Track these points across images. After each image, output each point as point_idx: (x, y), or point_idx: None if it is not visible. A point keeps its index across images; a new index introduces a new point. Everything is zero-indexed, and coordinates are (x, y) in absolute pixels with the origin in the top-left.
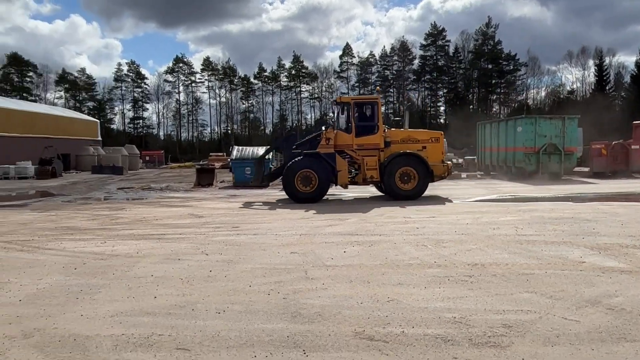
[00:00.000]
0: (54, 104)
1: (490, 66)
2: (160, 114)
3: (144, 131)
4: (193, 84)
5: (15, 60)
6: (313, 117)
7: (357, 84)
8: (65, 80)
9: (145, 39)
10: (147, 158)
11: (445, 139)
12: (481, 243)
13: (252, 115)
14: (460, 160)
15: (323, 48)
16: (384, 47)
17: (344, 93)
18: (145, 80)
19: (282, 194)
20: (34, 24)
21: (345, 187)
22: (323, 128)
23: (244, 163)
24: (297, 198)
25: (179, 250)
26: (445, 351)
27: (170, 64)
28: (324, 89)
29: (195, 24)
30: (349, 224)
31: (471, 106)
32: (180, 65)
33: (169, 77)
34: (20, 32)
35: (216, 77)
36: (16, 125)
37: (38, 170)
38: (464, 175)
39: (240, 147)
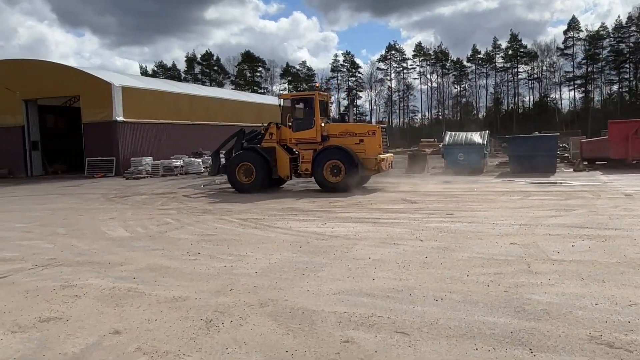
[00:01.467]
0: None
1: None
2: (373, 101)
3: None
4: (404, 71)
5: (248, 58)
6: (531, 99)
7: (584, 61)
8: (289, 73)
9: (359, 29)
10: None
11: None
12: None
13: (464, 99)
14: None
15: (544, 24)
16: (619, 17)
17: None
18: (359, 69)
19: (499, 180)
20: (263, 23)
21: (287, 178)
22: (263, 124)
23: (457, 149)
24: (238, 188)
25: (394, 235)
26: None
27: (383, 52)
28: (544, 68)
29: (408, 10)
30: (577, 215)
31: None
32: (392, 52)
33: (381, 65)
34: (252, 32)
35: (427, 62)
36: (248, 115)
37: None
38: None
39: (453, 133)
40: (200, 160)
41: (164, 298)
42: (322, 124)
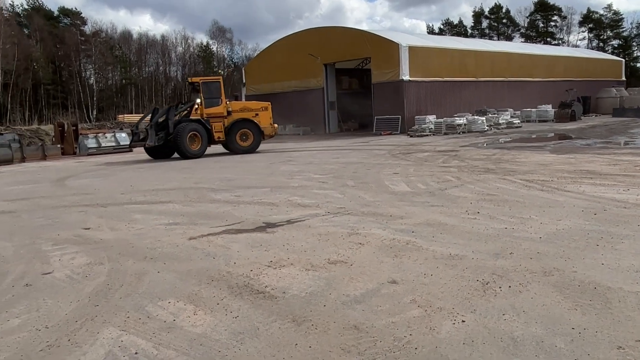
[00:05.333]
0: (576, 46)
1: None
2: None
3: None
4: None
5: (542, 6)
6: None
7: None
8: (590, 19)
9: None
10: None
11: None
12: None
13: None
14: None
15: None
16: None
17: None
18: None
19: None
20: None
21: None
22: (198, 100)
23: None
24: (189, 155)
25: None
26: None
27: None
28: None
29: None
30: None
31: None
32: None
33: None
34: None
35: None
36: (539, 70)
37: (557, 114)
38: None
39: None
40: (484, 118)
41: (441, 254)
42: (227, 102)
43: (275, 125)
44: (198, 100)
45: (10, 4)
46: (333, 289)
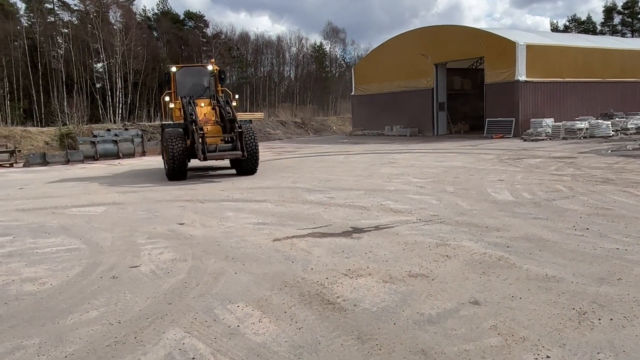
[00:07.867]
0: None
1: None
2: None
3: None
4: None
5: None
6: None
7: None
8: None
9: None
10: None
11: None
12: None
13: None
14: None
15: None
16: None
17: None
18: None
19: None
20: None
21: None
22: (237, 96)
23: None
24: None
25: None
26: None
27: None
28: None
29: None
30: None
31: None
32: None
33: None
34: None
35: None
36: None
37: None
38: None
39: None
40: (609, 122)
41: (535, 275)
42: None
43: None
44: (237, 96)
45: (142, 8)
46: (407, 306)
